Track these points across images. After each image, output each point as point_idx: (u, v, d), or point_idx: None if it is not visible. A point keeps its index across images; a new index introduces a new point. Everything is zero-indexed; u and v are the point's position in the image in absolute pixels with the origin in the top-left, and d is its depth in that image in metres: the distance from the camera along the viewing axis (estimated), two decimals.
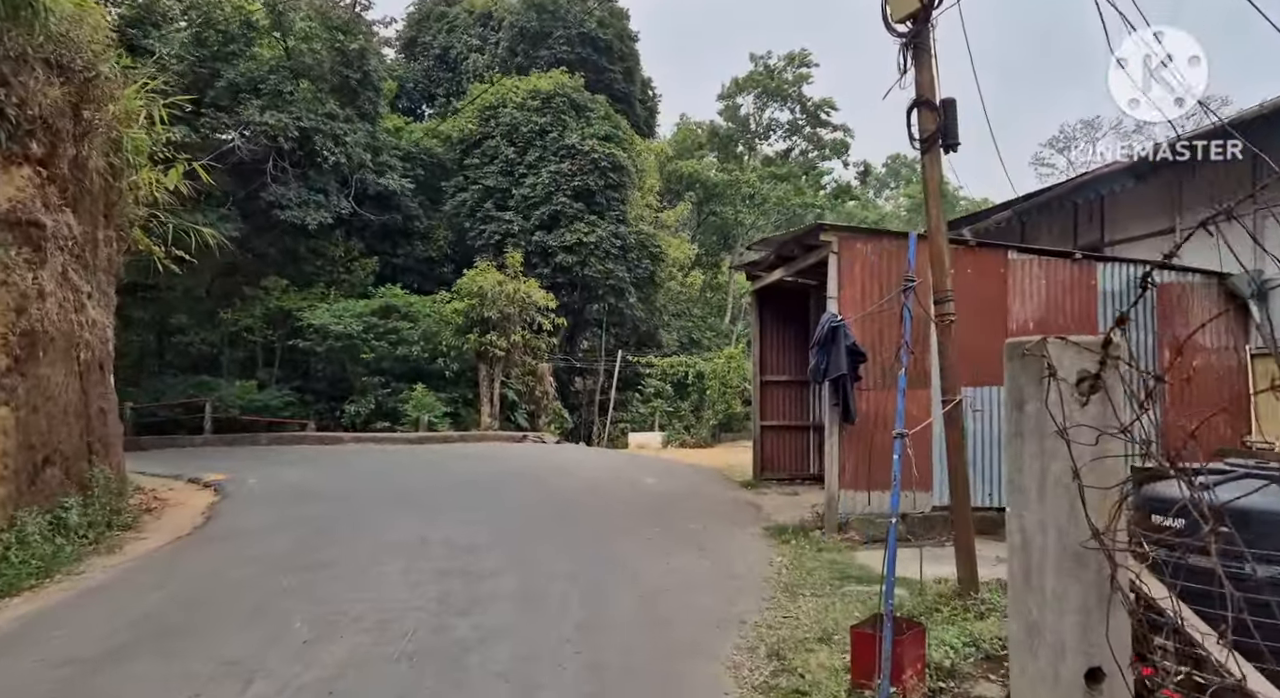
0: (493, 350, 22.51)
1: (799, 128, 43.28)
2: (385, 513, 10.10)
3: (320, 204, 24.07)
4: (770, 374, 13.58)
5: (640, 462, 16.33)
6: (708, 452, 19.31)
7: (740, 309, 43.42)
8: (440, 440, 20.55)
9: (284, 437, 21.55)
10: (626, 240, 27.84)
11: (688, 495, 11.95)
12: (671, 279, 32.18)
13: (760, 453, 13.43)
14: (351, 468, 14.99)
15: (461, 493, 11.82)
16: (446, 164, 29.40)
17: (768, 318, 13.68)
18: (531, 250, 26.84)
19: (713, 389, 22.18)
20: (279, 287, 25.01)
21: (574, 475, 13.89)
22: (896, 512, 4.86)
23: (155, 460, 18.42)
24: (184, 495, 12.04)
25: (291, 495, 11.61)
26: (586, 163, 27.22)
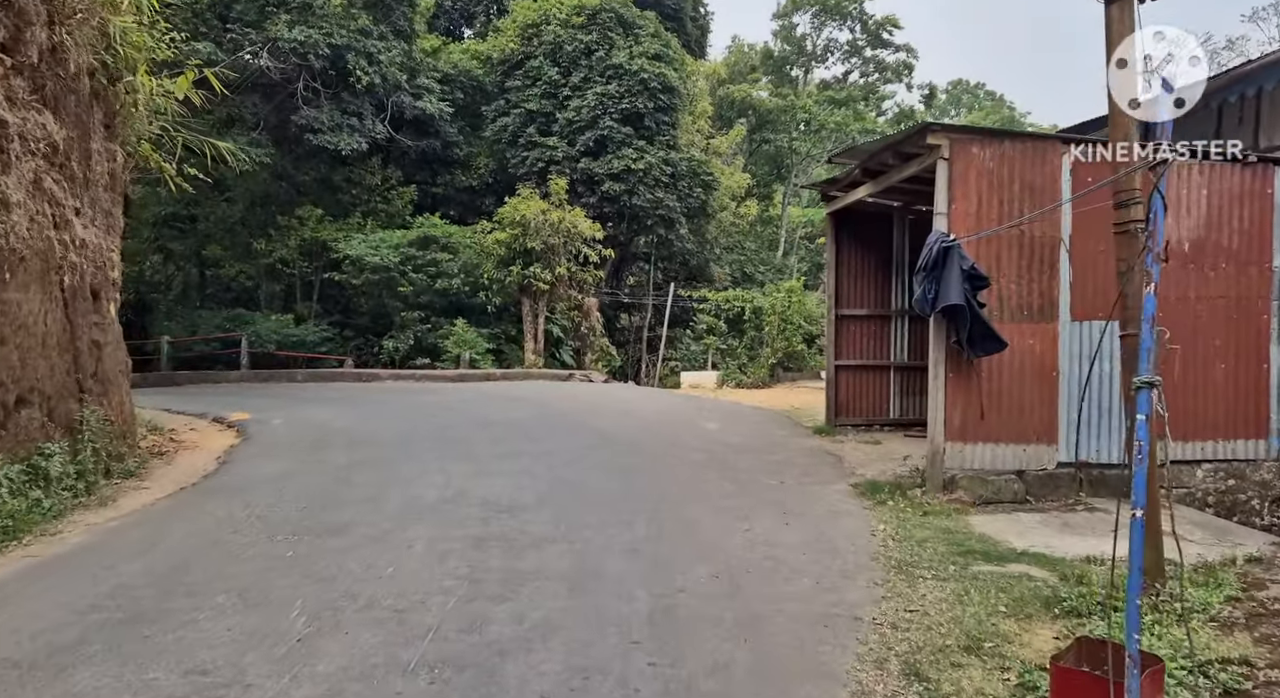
0: (536, 284, 21.22)
1: (859, 49, 40.53)
2: (416, 463, 8.95)
3: (354, 128, 22.71)
4: (846, 308, 12.06)
5: (697, 404, 15.02)
6: (767, 393, 17.94)
7: (794, 243, 41.54)
8: (482, 378, 19.47)
9: (320, 373, 20.69)
10: (677, 167, 26.10)
11: (757, 444, 10.62)
12: (724, 209, 30.40)
13: (835, 396, 12.01)
14: (385, 407, 13.93)
15: (503, 439, 10.64)
16: (487, 87, 27.72)
17: (845, 244, 12.10)
18: (577, 178, 25.26)
19: (771, 326, 20.67)
20: (314, 217, 23.90)
21: (627, 419, 12.65)
22: (1142, 492, 3.34)
23: (186, 397, 17.64)
24: (203, 437, 11.06)
25: (315, 439, 10.55)
26: (635, 83, 25.36)
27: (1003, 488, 7.53)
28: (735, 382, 19.61)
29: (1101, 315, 7.52)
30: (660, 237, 26.39)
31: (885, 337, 12.13)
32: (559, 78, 26.01)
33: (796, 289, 21.08)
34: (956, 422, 7.68)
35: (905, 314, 12.10)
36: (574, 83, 25.83)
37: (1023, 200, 7.59)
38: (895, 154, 8.65)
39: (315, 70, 21.68)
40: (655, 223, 25.79)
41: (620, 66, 25.33)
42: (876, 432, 11.75)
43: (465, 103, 27.48)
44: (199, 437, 11.05)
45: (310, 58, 21.06)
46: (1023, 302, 7.63)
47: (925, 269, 7.47)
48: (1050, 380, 7.61)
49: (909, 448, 10.15)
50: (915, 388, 12.09)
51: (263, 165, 23.15)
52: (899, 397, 12.08)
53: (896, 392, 12.09)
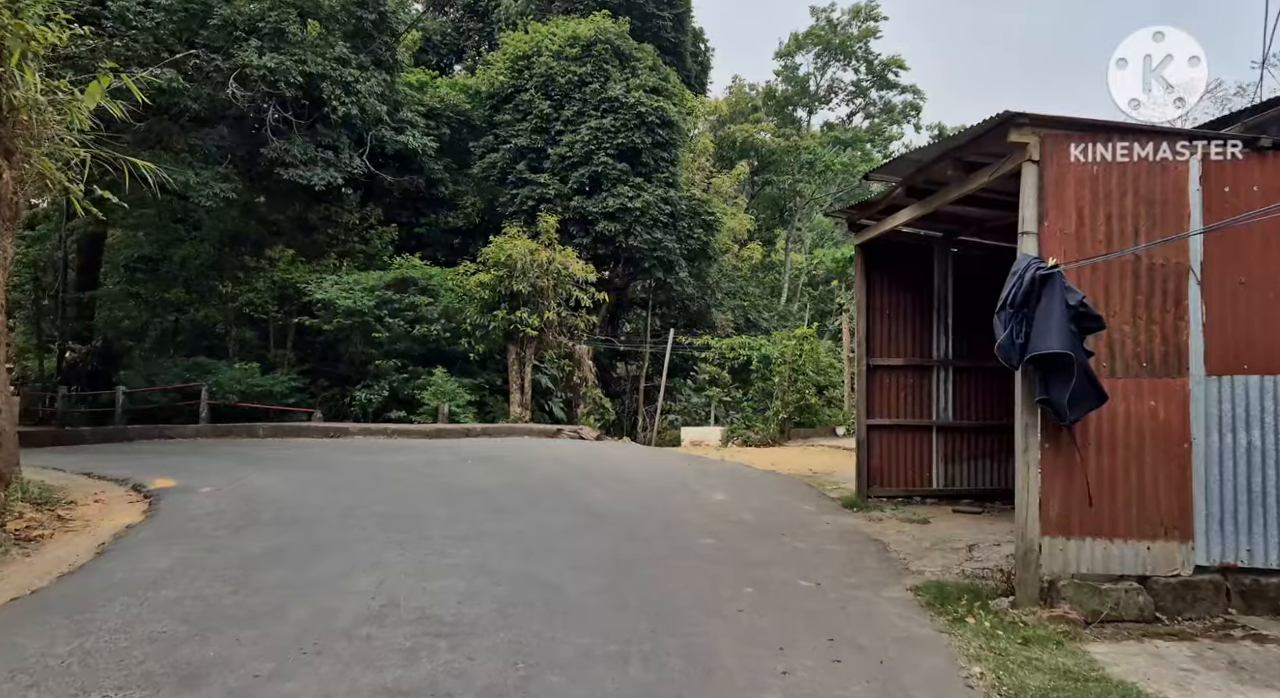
0: (523, 330, 19.38)
1: (864, 90, 39.41)
2: (347, 553, 6.99)
3: (329, 162, 21.11)
4: (880, 357, 10.21)
5: (701, 466, 13.07)
6: (779, 452, 16.01)
7: (797, 289, 39.95)
8: (460, 434, 17.51)
9: (284, 428, 18.72)
10: (677, 207, 24.52)
11: (777, 522, 8.66)
12: (726, 252, 28.77)
13: (867, 461, 10.08)
14: (339, 471, 11.96)
15: (465, 515, 8.68)
16: (475, 122, 26.29)
17: (877, 282, 10.30)
18: (570, 217, 23.66)
19: (781, 377, 18.81)
20: (285, 257, 22.15)
21: (620, 486, 10.69)
22: None
23: (124, 456, 15.65)
24: (104, 511, 9.07)
25: (238, 515, 8.58)
26: (632, 117, 23.92)
27: (1122, 600, 5.58)
28: (742, 439, 17.69)
29: (1248, 368, 5.66)
30: (659, 280, 24.71)
31: (925, 391, 10.25)
32: (551, 111, 24.58)
33: (810, 336, 19.25)
34: (1055, 509, 5.76)
35: (948, 365, 10.24)
36: (567, 116, 24.39)
37: (1137, 216, 5.79)
38: (956, 163, 6.86)
39: (286, 100, 20.14)
40: (653, 265, 24.11)
41: (616, 99, 23.91)
42: (918, 505, 9.80)
43: (452, 139, 26.00)
44: (98, 511, 9.06)
45: (281, 86, 19.52)
46: (1140, 350, 5.77)
47: (1011, 305, 5.63)
48: (1180, 455, 5.71)
49: (965, 530, 8.21)
50: (961, 452, 10.18)
51: (230, 202, 21.52)
52: (943, 463, 10.16)
53: (939, 457, 10.16)
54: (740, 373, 21.45)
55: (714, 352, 21.51)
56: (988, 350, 10.37)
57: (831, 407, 20.95)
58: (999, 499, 9.98)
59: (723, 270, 29.87)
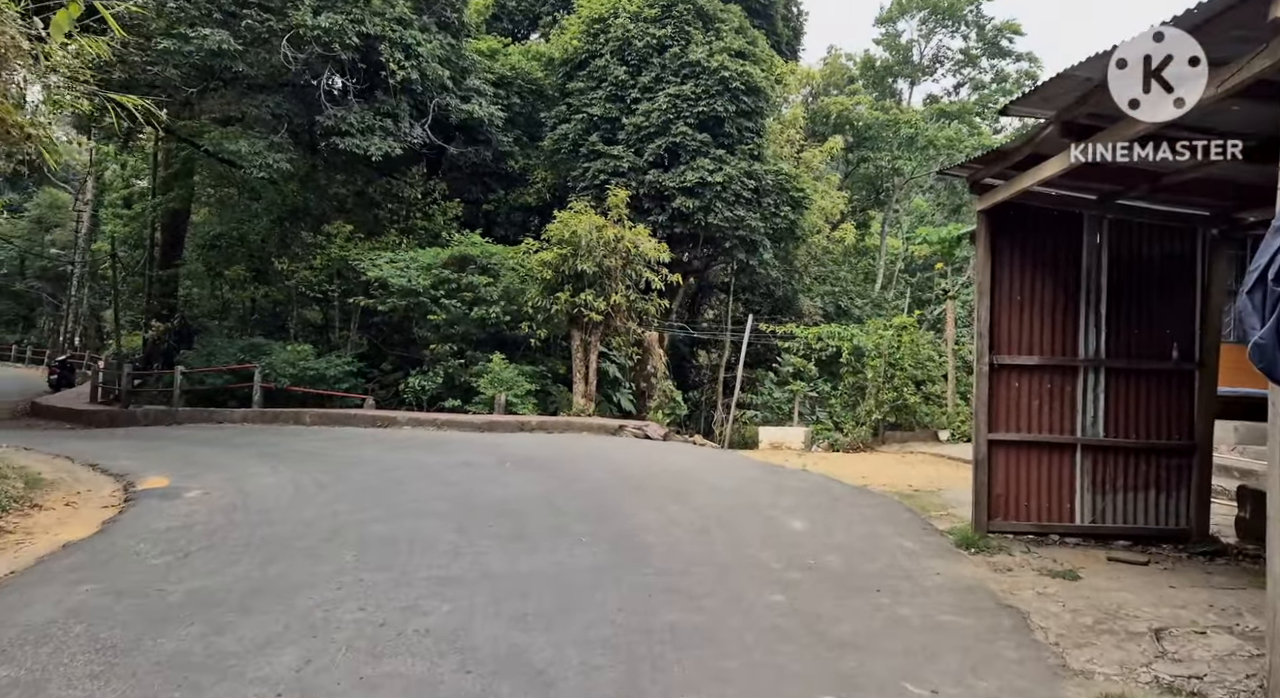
0: (587, 314, 17.62)
1: (973, 58, 36.06)
2: (297, 600, 5.33)
3: (387, 131, 19.75)
4: (1007, 353, 7.99)
5: (778, 479, 11.02)
6: (871, 461, 13.79)
7: (893, 276, 37.15)
8: (514, 427, 15.91)
9: (331, 416, 17.51)
10: (762, 181, 22.33)
11: (869, 572, 6.60)
12: (817, 232, 26.39)
13: (988, 485, 7.89)
14: (358, 473, 10.42)
15: (474, 543, 6.94)
16: (547, 91, 24.63)
17: (1006, 258, 8.05)
18: (645, 193, 21.78)
19: (876, 372, 16.52)
20: (342, 233, 20.97)
21: (676, 507, 8.78)
22: None
23: (149, 443, 14.63)
24: (62, 518, 7.69)
25: (201, 533, 7.04)
26: (714, 83, 21.82)
27: None
28: (829, 441, 15.51)
29: None
30: (740, 262, 22.58)
31: (1067, 398, 7.96)
32: (627, 78, 22.68)
33: (910, 326, 16.86)
34: None
35: (1100, 365, 7.93)
36: (644, 83, 22.45)
37: None
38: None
39: (343, 63, 18.84)
40: (734, 245, 22.02)
41: (697, 64, 21.84)
42: (1057, 547, 7.57)
43: (522, 109, 24.43)
44: (56, 519, 7.70)
45: (336, 48, 18.20)
46: None
47: (1273, 280, 3.46)
48: None
49: (1137, 595, 5.98)
50: (1115, 479, 7.87)
51: (289, 175, 20.46)
52: (1090, 492, 7.87)
53: (1085, 484, 7.88)
54: (828, 365, 19.20)
55: (799, 341, 19.29)
56: (1154, 346, 8.03)
57: (931, 404, 18.51)
58: (1167, 542, 7.67)
59: (812, 253, 27.52)
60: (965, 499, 8.78)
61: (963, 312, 27.58)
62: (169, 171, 29.42)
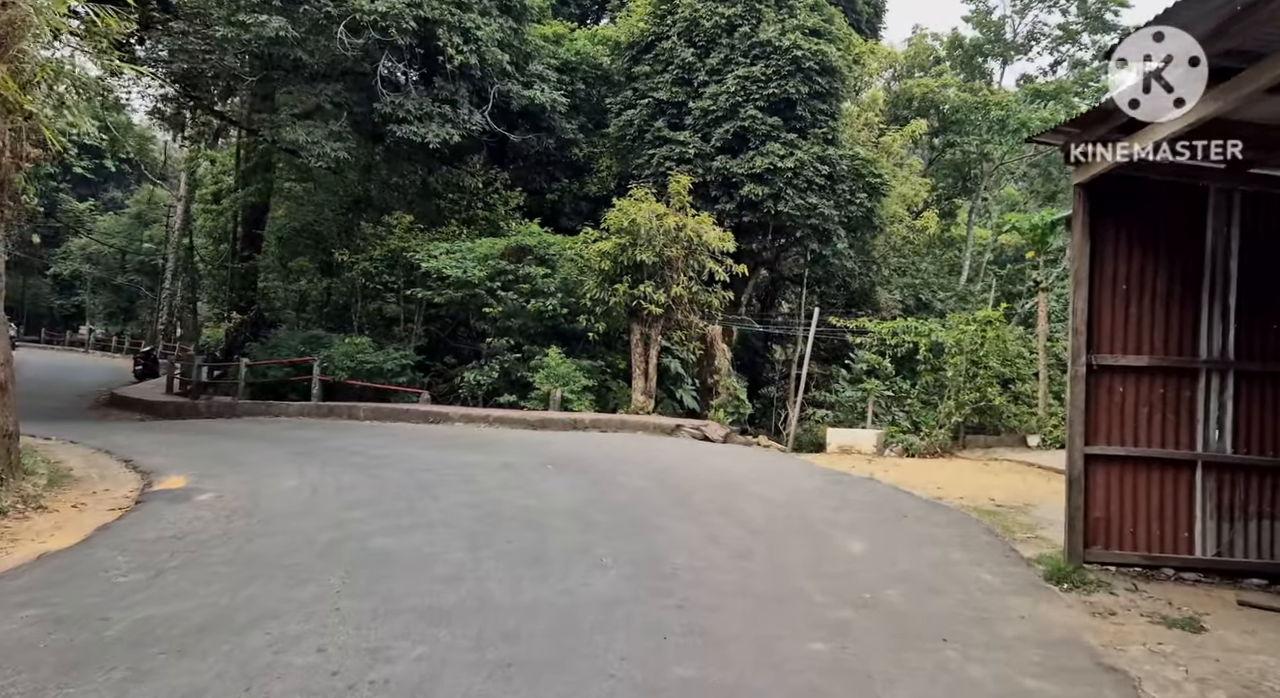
0: (647, 306, 16.75)
1: (1072, 35, 33.67)
2: (245, 641, 4.62)
3: (446, 118, 19.22)
4: (1110, 353, 6.77)
5: (842, 489, 9.93)
6: (949, 469, 12.50)
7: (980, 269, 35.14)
8: (566, 425, 15.17)
9: (384, 410, 17.08)
10: (836, 167, 21.03)
11: (938, 609, 5.55)
12: (896, 221, 24.89)
13: (1085, 507, 6.69)
14: (386, 475, 9.79)
15: (481, 565, 6.17)
16: (613, 77, 23.79)
17: (1110, 240, 6.82)
18: (711, 180, 20.78)
19: (956, 370, 15.16)
20: (402, 224, 20.60)
21: (720, 521, 7.85)
22: None
23: (193, 437, 14.41)
24: (60, 521, 7.24)
25: (186, 546, 6.43)
26: (786, 63, 20.62)
27: None
28: (903, 445, 14.25)
29: None
30: (813, 252, 21.35)
31: (1186, 407, 6.69)
32: (694, 60, 21.67)
33: (996, 320, 15.41)
34: None
35: (1227, 367, 6.64)
36: (712, 65, 21.42)
37: None
38: None
39: (400, 48, 18.37)
40: (806, 235, 20.84)
41: (769, 43, 20.68)
42: (1171, 585, 6.34)
43: (587, 96, 23.67)
44: (53, 522, 7.24)
45: (393, 32, 17.73)
46: None
47: None
48: None
49: (1278, 653, 4.77)
50: (1245, 503, 6.58)
51: (350, 165, 20.21)
52: (1213, 518, 6.59)
53: (1209, 508, 6.60)
54: (905, 362, 17.84)
55: (872, 336, 17.99)
56: None
57: (1020, 404, 16.98)
58: None
59: (891, 243, 26.00)
60: (1056, 518, 7.59)
61: (1057, 305, 25.66)
62: (247, 166, 29.83)
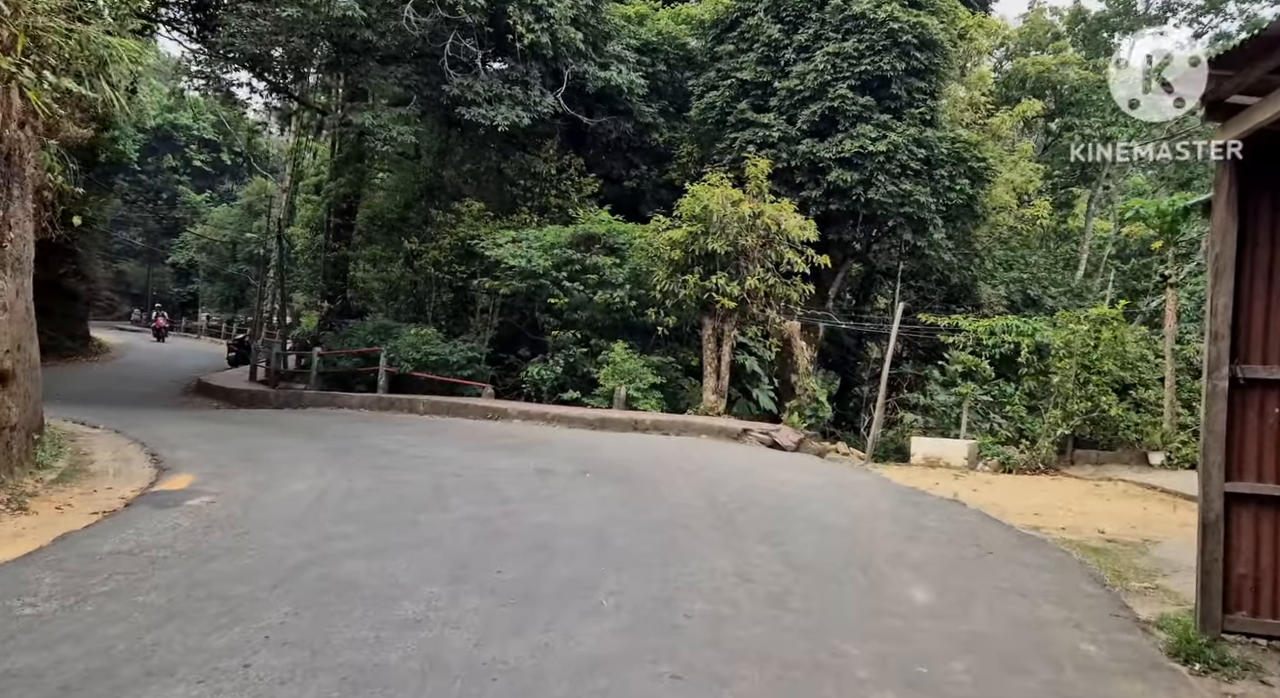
0: (719, 299, 15.58)
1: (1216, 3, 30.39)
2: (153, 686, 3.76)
3: (516, 100, 18.46)
4: (1261, 364, 5.24)
5: (915, 512, 8.55)
6: (1052, 489, 10.86)
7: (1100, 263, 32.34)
8: (625, 426, 14.16)
9: (443, 404, 16.49)
10: (934, 150, 19.28)
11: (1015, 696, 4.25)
12: (1002, 210, 22.82)
13: (1225, 560, 5.20)
14: (415, 476, 9.00)
15: (458, 601, 5.21)
16: (696, 57, 22.59)
17: (1264, 218, 5.30)
18: (796, 165, 19.36)
19: (1064, 374, 13.38)
20: (472, 211, 20.00)
21: (763, 550, 6.68)
22: None
23: (242, 428, 14.15)
24: (15, 532, 6.66)
25: (135, 565, 5.67)
26: (881, 38, 18.99)
27: None
28: (999, 459, 12.62)
29: None
30: (906, 243, 19.65)
31: None
32: (781, 37, 20.26)
33: (1113, 319, 13.53)
34: None
35: None
36: (800, 42, 19.97)
37: None
38: None
39: (469, 26, 17.69)
40: (899, 224, 19.16)
41: (862, 16, 19.09)
42: None
43: (669, 78, 22.55)
44: (16, 529, 6.65)
45: (460, 10, 17.06)
46: None
47: None
48: None
49: None
50: None
51: (414, 149, 19.74)
52: None
53: None
54: (1007, 364, 16.04)
55: (966, 335, 16.25)
56: None
57: (1140, 413, 14.99)
58: None
59: (996, 234, 23.91)
60: (1184, 562, 6.14)
61: (1189, 303, 23.10)
62: (340, 157, 30.04)
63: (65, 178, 10.54)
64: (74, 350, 31.00)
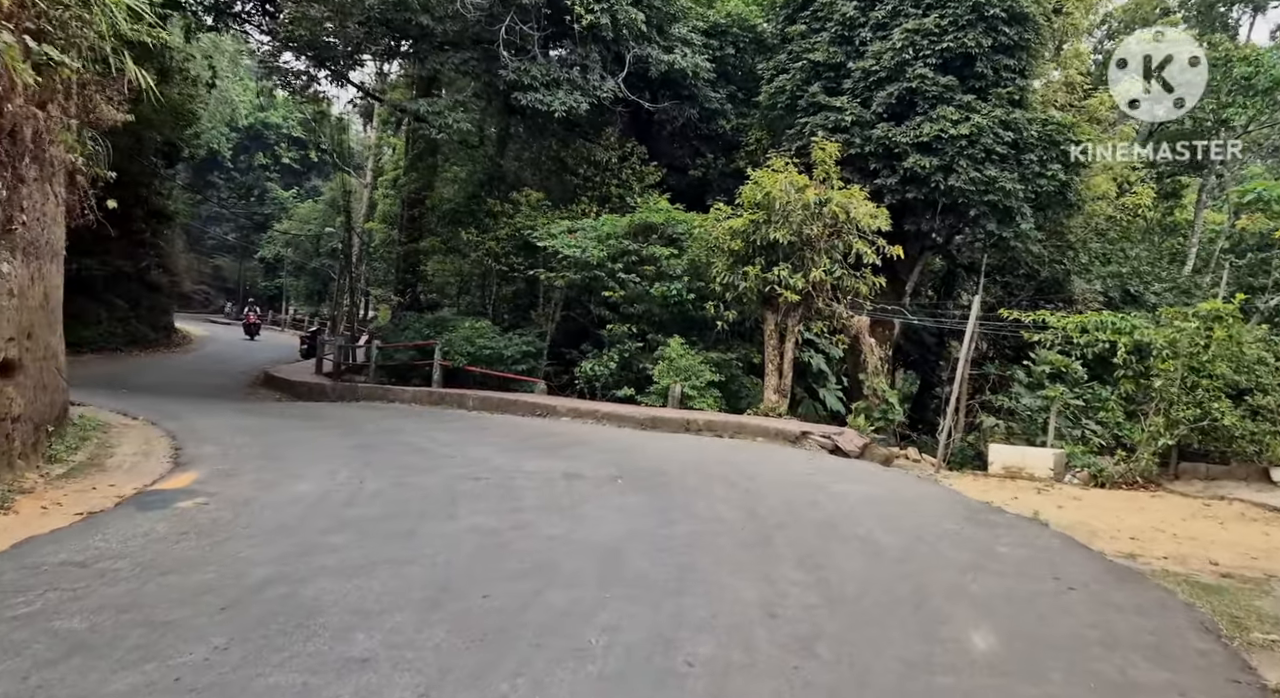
0: (782, 292, 14.56)
1: None
2: None
3: (574, 84, 17.77)
4: None
5: (989, 534, 7.45)
6: (1153, 508, 9.51)
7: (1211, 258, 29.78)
8: (677, 427, 13.29)
9: (493, 400, 15.93)
10: (1023, 133, 17.77)
11: None
12: (1100, 198, 21.04)
13: None
14: (432, 479, 8.37)
15: (419, 636, 4.48)
16: (766, 39, 21.52)
17: None
18: (870, 150, 18.15)
19: (1167, 377, 11.90)
20: (529, 200, 19.42)
21: (799, 576, 5.77)
22: None
23: (286, 421, 13.82)
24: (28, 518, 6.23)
25: (77, 578, 5.13)
26: (966, 12, 17.61)
27: None
28: (1090, 470, 11.26)
29: None
30: (990, 233, 18.19)
31: None
32: (856, 15, 19.04)
33: (1228, 315, 11.96)
34: None
35: None
36: (877, 19, 18.72)
37: None
38: None
39: (526, 8, 17.08)
40: (981, 213, 17.72)
41: None
42: None
43: (737, 62, 21.54)
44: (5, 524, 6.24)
45: None
46: None
47: None
48: None
49: None
50: None
51: (470, 136, 19.27)
52: None
53: None
54: (1101, 365, 14.52)
55: (1054, 332, 14.78)
56: None
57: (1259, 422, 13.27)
58: None
59: (1092, 225, 22.09)
60: None
61: None
62: (414, 152, 30.05)
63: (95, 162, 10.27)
64: (156, 341, 31.82)
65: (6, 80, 7.28)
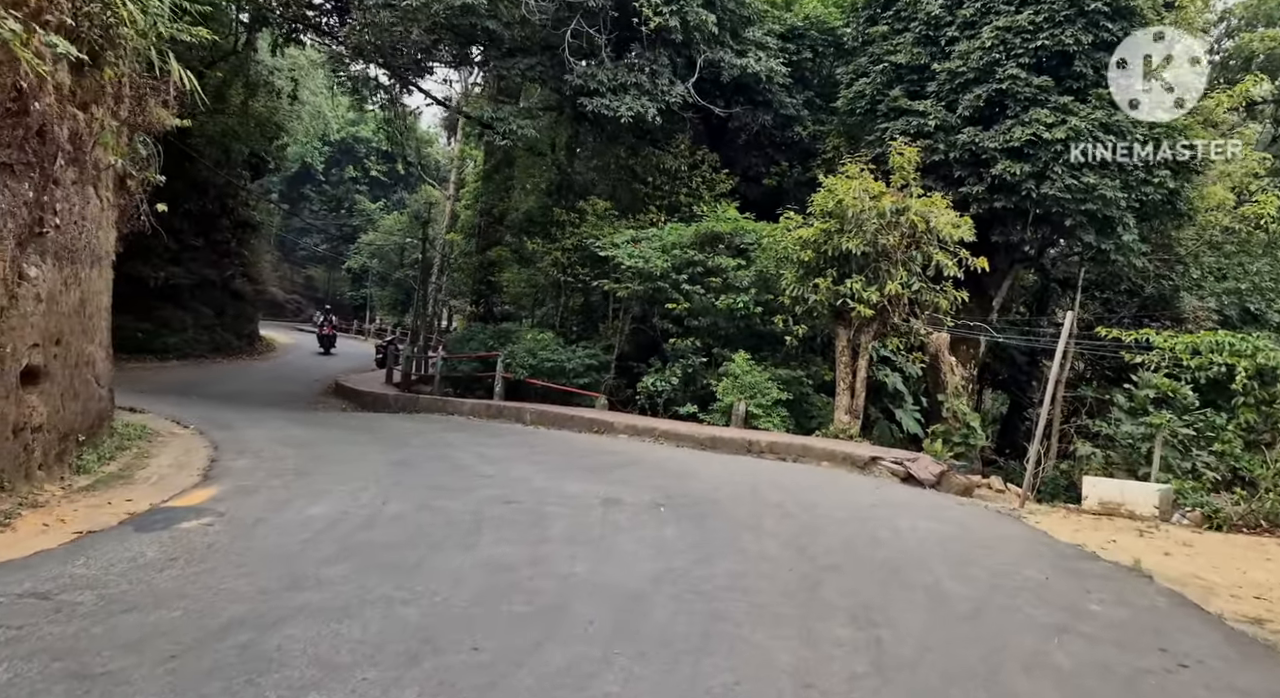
0: (855, 306, 13.62)
1: None
2: None
3: (642, 89, 17.21)
4: None
5: (1080, 587, 6.43)
6: (1279, 558, 8.26)
7: None
8: (739, 448, 12.49)
9: (550, 415, 15.42)
10: (1126, 137, 16.36)
11: None
12: (1215, 207, 19.31)
13: None
14: (461, 503, 7.78)
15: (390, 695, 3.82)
16: (845, 42, 20.55)
17: None
18: (956, 156, 17.04)
19: None
20: (596, 209, 18.92)
21: (847, 632, 4.95)
22: None
23: (341, 433, 13.55)
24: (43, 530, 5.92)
25: (24, 612, 4.73)
26: (1063, 6, 16.37)
27: None
28: (1204, 510, 9.97)
29: None
30: (1087, 246, 16.80)
31: None
32: (942, 13, 17.97)
33: None
34: None
35: None
36: (964, 17, 17.59)
37: None
38: None
39: (593, 11, 16.62)
40: (1078, 224, 16.37)
41: None
42: None
43: (815, 66, 20.66)
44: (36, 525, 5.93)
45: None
46: None
47: None
48: None
49: None
50: None
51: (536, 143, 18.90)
52: None
53: None
54: (1216, 390, 13.06)
55: (1160, 354, 13.37)
56: None
57: None
58: None
59: (1206, 237, 20.30)
60: None
61: None
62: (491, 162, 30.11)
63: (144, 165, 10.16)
64: (238, 349, 32.59)
65: (32, 77, 7.08)
